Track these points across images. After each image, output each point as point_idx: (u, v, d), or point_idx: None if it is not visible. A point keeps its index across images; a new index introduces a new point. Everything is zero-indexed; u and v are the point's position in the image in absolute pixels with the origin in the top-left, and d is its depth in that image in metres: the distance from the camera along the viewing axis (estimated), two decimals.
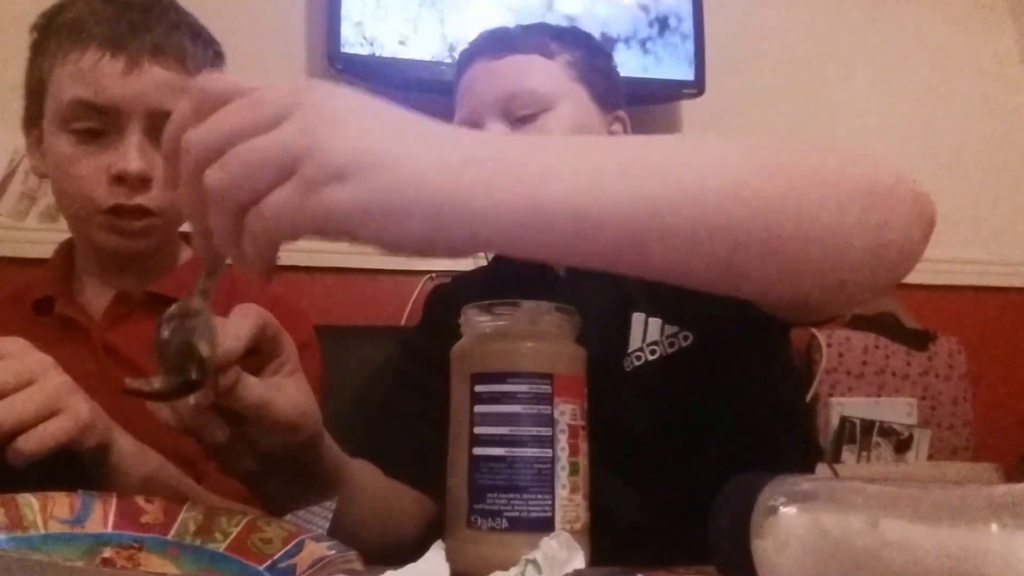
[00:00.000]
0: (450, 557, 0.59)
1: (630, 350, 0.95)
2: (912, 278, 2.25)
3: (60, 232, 1.86)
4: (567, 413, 0.64)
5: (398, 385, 1.09)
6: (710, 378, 0.92)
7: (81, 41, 0.93)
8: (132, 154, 0.92)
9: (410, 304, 1.98)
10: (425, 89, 2.05)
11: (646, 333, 0.94)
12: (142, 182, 0.93)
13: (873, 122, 2.31)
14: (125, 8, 0.94)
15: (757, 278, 0.57)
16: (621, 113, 1.12)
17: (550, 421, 0.63)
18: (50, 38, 0.96)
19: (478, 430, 0.63)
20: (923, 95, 2.35)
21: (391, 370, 1.15)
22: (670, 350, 0.93)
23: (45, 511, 0.57)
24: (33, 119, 1.01)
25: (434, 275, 2.01)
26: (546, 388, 0.63)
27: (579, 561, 0.56)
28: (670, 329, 0.94)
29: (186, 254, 1.10)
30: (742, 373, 0.94)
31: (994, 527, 0.41)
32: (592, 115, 1.08)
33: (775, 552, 0.50)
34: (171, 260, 1.08)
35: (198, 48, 0.99)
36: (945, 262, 2.24)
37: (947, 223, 2.52)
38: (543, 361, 0.64)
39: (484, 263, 1.29)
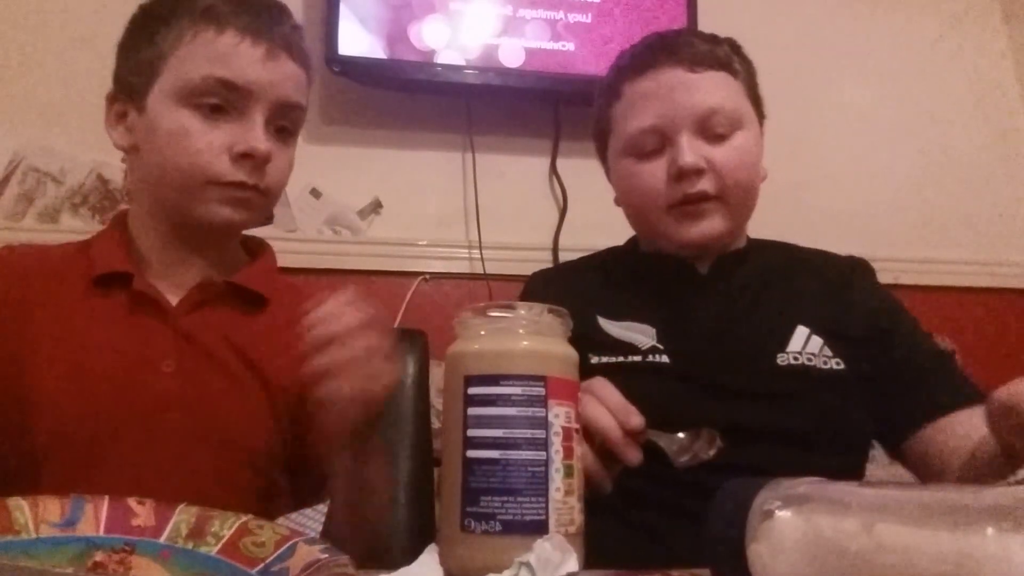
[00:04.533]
0: (443, 560, 0.59)
1: (788, 350, 1.05)
2: (910, 279, 2.26)
3: (58, 233, 1.87)
4: (561, 415, 0.63)
5: None
6: (841, 403, 1.04)
7: (218, 24, 0.96)
8: (261, 135, 0.96)
9: (404, 305, 1.98)
10: (420, 90, 2.05)
11: (806, 344, 1.06)
12: (264, 162, 0.97)
13: (868, 125, 2.32)
14: (254, 3, 1.00)
15: None
16: None
17: (544, 424, 0.63)
18: (180, 18, 0.98)
19: (471, 432, 0.63)
20: (917, 98, 2.35)
21: None
22: (822, 366, 1.04)
23: (36, 515, 0.56)
24: (129, 93, 1.01)
25: (427, 276, 2.02)
26: (539, 390, 0.63)
27: (572, 564, 0.56)
28: (828, 351, 1.05)
29: (264, 252, 1.12)
30: (858, 416, 1.06)
31: (990, 531, 0.41)
32: (760, 139, 1.14)
33: (770, 556, 0.49)
34: (242, 253, 1.10)
35: (308, 48, 1.05)
36: (944, 263, 2.24)
37: (941, 223, 2.54)
38: (536, 363, 0.64)
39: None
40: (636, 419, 0.81)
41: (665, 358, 1.04)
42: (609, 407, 0.81)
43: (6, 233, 1.87)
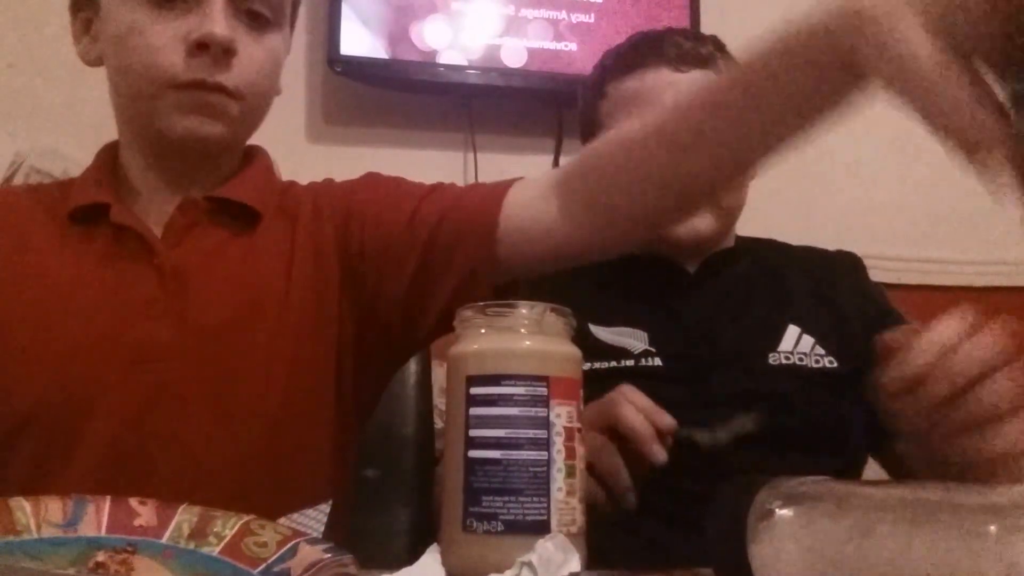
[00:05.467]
0: (445, 560, 0.59)
1: (779, 349, 1.06)
2: (912, 278, 2.25)
3: None
4: (563, 415, 0.63)
5: None
6: (835, 401, 1.04)
7: None
8: (217, 17, 0.81)
9: None
10: (422, 91, 2.05)
11: (798, 344, 1.06)
12: (225, 53, 0.82)
13: (870, 124, 2.31)
14: None
15: None
16: None
17: (546, 424, 0.62)
18: None
19: (473, 432, 0.63)
20: None
21: None
22: (814, 365, 1.05)
23: (38, 515, 0.56)
24: None
25: None
26: (542, 390, 0.63)
27: (574, 564, 0.56)
28: (819, 350, 1.06)
29: (253, 160, 0.97)
30: (851, 415, 1.05)
31: (992, 529, 0.41)
32: None
33: (771, 555, 0.49)
34: (236, 164, 0.95)
35: None
36: (945, 262, 2.24)
37: (947, 223, 2.54)
38: (539, 363, 0.64)
39: None
40: (667, 418, 0.83)
41: (658, 361, 1.04)
42: (640, 408, 0.82)
43: None
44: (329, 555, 0.53)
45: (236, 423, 0.83)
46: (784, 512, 0.50)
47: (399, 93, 2.06)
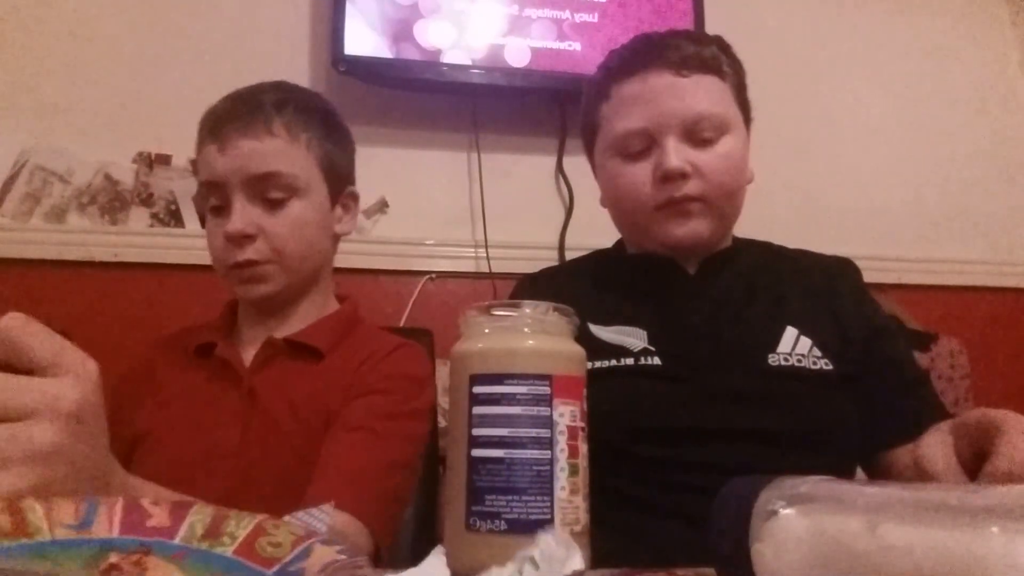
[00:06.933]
0: (449, 559, 0.60)
1: (778, 350, 1.06)
2: (912, 278, 2.26)
3: (63, 232, 1.88)
4: (566, 414, 0.64)
5: None
6: (832, 403, 1.04)
7: (202, 138, 1.14)
8: (233, 218, 1.09)
9: (410, 304, 1.98)
10: (426, 90, 2.06)
11: (796, 345, 1.06)
12: (245, 239, 1.09)
13: (873, 124, 2.31)
14: (231, 100, 1.14)
15: None
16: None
17: (549, 423, 0.63)
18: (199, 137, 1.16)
19: (476, 432, 0.63)
20: (923, 97, 2.35)
21: None
22: (812, 367, 1.04)
23: (50, 516, 0.56)
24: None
25: (434, 275, 2.02)
26: (545, 389, 0.63)
27: (577, 562, 0.56)
28: (817, 352, 1.05)
29: (331, 307, 1.22)
30: (848, 416, 1.05)
31: (995, 529, 0.41)
32: (746, 142, 1.13)
33: (774, 555, 0.50)
34: (314, 310, 1.20)
35: (285, 116, 1.13)
36: (945, 262, 2.24)
37: (947, 223, 2.54)
38: (542, 362, 0.64)
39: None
40: None
41: (657, 360, 1.05)
42: None
43: (12, 234, 1.88)
44: (343, 556, 0.53)
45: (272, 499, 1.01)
46: (787, 512, 0.50)
47: (403, 93, 2.07)
